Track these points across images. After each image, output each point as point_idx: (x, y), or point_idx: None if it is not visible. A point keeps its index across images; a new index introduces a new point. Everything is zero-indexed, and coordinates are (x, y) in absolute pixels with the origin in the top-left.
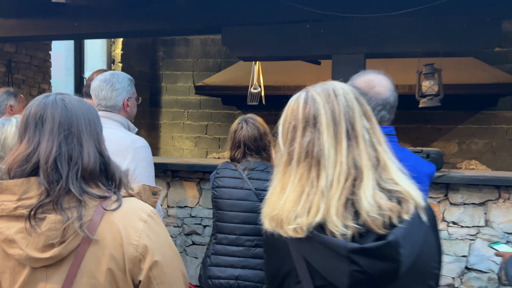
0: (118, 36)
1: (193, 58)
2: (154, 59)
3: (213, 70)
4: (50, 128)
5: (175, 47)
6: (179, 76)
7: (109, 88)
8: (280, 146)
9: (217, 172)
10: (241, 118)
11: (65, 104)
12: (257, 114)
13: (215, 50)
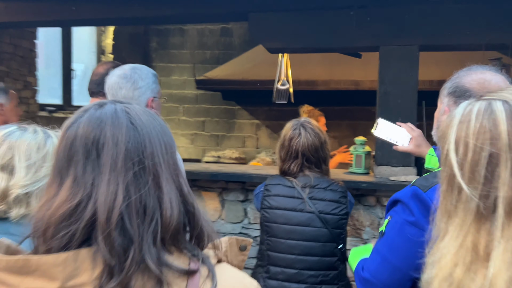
0: (125, 22)
1: (190, 49)
2: (147, 50)
3: (211, 62)
4: (112, 160)
5: (170, 38)
6: (173, 68)
7: (130, 86)
8: (459, 183)
9: (266, 189)
10: (294, 122)
11: (132, 120)
12: (260, 110)
13: (213, 41)
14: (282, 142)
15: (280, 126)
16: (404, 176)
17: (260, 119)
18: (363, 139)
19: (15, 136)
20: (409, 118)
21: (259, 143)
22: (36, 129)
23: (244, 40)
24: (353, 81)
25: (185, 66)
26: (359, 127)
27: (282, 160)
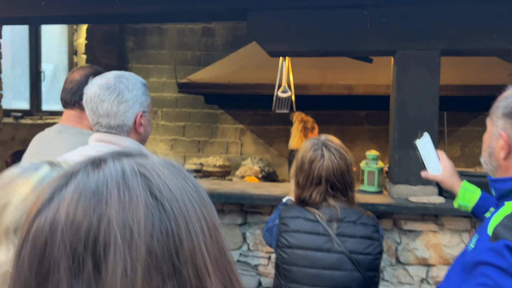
0: (104, 20)
1: (169, 49)
2: (122, 50)
3: (192, 63)
4: (124, 277)
5: (147, 37)
6: (151, 70)
7: (114, 98)
8: None
9: (283, 222)
10: (314, 141)
11: (153, 189)
12: (245, 114)
13: (194, 41)
14: (299, 165)
15: (266, 131)
16: (426, 197)
17: (245, 123)
18: (376, 153)
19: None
20: (430, 131)
21: (243, 149)
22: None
23: (227, 41)
24: (346, 85)
25: (164, 68)
26: (348, 132)
27: (300, 186)
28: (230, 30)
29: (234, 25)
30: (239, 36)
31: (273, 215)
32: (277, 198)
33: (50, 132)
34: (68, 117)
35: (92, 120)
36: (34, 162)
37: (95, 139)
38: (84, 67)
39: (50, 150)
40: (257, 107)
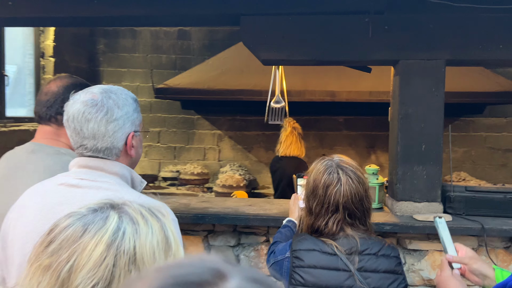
0: (78, 23)
1: (142, 53)
2: (93, 53)
3: (167, 67)
4: None
5: (119, 39)
6: (124, 73)
7: (102, 117)
8: None
9: (296, 256)
10: (327, 163)
11: None
12: (223, 119)
13: (169, 44)
14: (311, 189)
15: (244, 137)
16: (433, 215)
17: (222, 129)
18: (376, 167)
19: (124, 235)
20: (435, 145)
21: (221, 155)
22: (141, 211)
23: (204, 45)
24: (329, 92)
25: (137, 71)
26: (327, 138)
27: (313, 214)
28: (207, 34)
29: (211, 28)
30: (216, 39)
31: (281, 246)
32: (275, 218)
33: (21, 151)
34: (42, 134)
35: (74, 142)
36: (93, 207)
37: (78, 165)
38: (62, 77)
39: (22, 173)
40: (235, 112)
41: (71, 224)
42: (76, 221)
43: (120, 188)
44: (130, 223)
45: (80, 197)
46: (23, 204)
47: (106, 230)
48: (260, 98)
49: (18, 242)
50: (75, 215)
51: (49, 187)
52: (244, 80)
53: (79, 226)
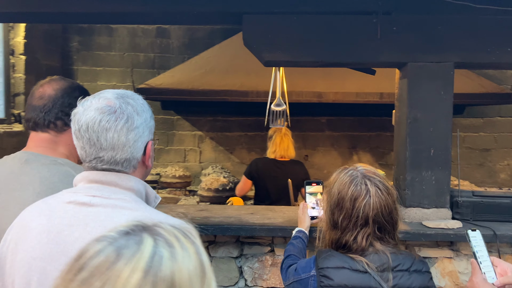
0: (62, 19)
1: (119, 51)
2: (66, 50)
3: (145, 66)
4: None
5: (94, 37)
6: (100, 72)
7: (122, 125)
8: None
9: (323, 274)
10: (352, 172)
11: None
12: (203, 120)
13: (147, 42)
14: (336, 202)
15: (226, 138)
16: (443, 221)
17: (203, 130)
18: (382, 172)
19: (161, 260)
20: (443, 150)
21: (202, 157)
22: (175, 234)
23: (183, 43)
24: (316, 92)
25: (113, 70)
26: (309, 138)
27: (340, 228)
28: (187, 32)
29: (191, 27)
30: (196, 38)
31: (303, 263)
32: (282, 228)
33: (11, 161)
34: (37, 142)
35: (87, 154)
36: (124, 230)
37: (88, 179)
38: (56, 79)
39: (14, 186)
40: (217, 113)
41: (102, 249)
42: (108, 245)
43: (137, 205)
44: (166, 246)
45: (93, 217)
46: (23, 225)
47: (141, 255)
48: (246, 99)
49: (20, 269)
50: (105, 239)
51: (55, 206)
52: (230, 80)
53: (111, 251)
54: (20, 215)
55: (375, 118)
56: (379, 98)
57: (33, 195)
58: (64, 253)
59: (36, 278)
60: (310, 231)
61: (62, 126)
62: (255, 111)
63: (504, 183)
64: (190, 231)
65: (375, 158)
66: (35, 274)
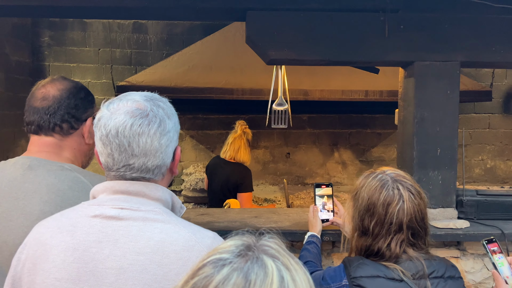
0: (39, 13)
1: (94, 46)
2: (37, 45)
3: (121, 63)
4: None
5: (67, 32)
6: (73, 69)
7: (156, 130)
8: None
9: (358, 284)
10: (382, 177)
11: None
12: (183, 118)
13: (123, 37)
14: (366, 207)
15: (206, 136)
16: (451, 222)
17: (184, 128)
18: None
19: (288, 285)
20: (450, 149)
21: (182, 155)
22: (287, 256)
23: (161, 39)
24: (302, 90)
25: (88, 66)
26: (291, 136)
27: (372, 235)
28: (165, 27)
29: (169, 22)
30: (175, 34)
31: (331, 272)
32: (292, 232)
33: (12, 167)
34: (40, 146)
35: (115, 162)
36: (236, 251)
37: (113, 190)
38: (59, 79)
39: (17, 195)
40: (197, 110)
41: (229, 275)
42: (233, 271)
43: (168, 217)
44: (286, 269)
45: (124, 232)
46: (41, 242)
47: (271, 281)
48: (231, 97)
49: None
50: (225, 262)
51: (78, 220)
52: (214, 77)
53: (240, 277)
54: (34, 231)
55: (356, 115)
56: (364, 95)
57: (40, 204)
58: (94, 273)
59: None
60: (321, 235)
61: (68, 129)
62: (236, 108)
63: (478, 178)
64: (284, 246)
65: (355, 155)
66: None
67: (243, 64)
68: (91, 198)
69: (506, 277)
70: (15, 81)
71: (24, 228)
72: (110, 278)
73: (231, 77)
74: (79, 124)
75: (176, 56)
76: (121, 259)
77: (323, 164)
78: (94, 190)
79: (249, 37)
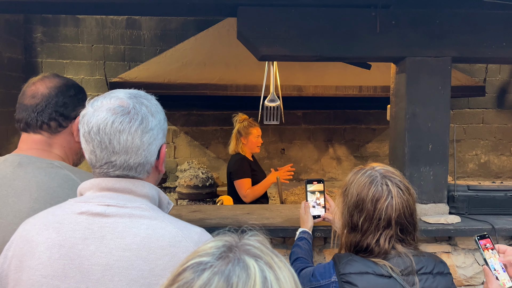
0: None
1: (87, 43)
2: (30, 42)
3: (115, 59)
4: None
5: (60, 28)
6: (66, 65)
7: (137, 127)
8: None
9: (347, 281)
10: (371, 173)
11: None
12: (178, 114)
13: (117, 34)
14: (355, 203)
15: (201, 132)
16: (442, 217)
17: (178, 125)
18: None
19: (271, 286)
20: (441, 145)
21: (177, 152)
22: (270, 254)
23: (155, 35)
24: (296, 86)
25: (81, 63)
26: (286, 132)
27: (360, 231)
28: (159, 23)
29: (163, 18)
30: (169, 30)
31: (321, 268)
32: (284, 229)
33: (2, 165)
34: (30, 143)
35: (97, 159)
36: (217, 252)
37: (99, 187)
38: (49, 77)
39: (7, 192)
40: (191, 107)
41: (209, 280)
42: (213, 275)
43: (155, 213)
44: (269, 269)
45: (110, 228)
46: (28, 239)
47: (254, 283)
48: (225, 93)
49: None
50: (205, 267)
51: (64, 217)
52: (207, 73)
53: (221, 281)
54: (20, 228)
55: (350, 111)
56: (358, 91)
57: (30, 202)
58: (80, 270)
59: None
60: (312, 231)
61: (56, 127)
62: (231, 104)
63: (472, 172)
64: (268, 243)
65: (350, 151)
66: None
67: (237, 60)
68: (79, 195)
69: (497, 273)
70: (8, 78)
71: (14, 225)
72: (96, 275)
73: (225, 73)
74: (68, 122)
75: (170, 52)
76: (107, 256)
77: (318, 160)
78: (81, 187)
79: (241, 33)
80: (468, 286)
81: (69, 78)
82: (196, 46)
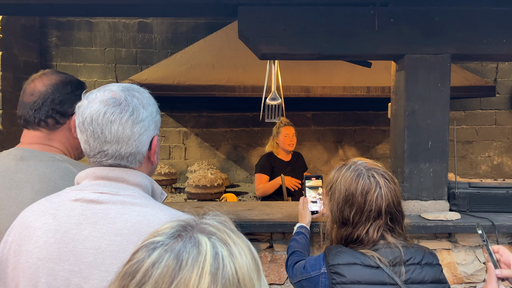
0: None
1: (100, 46)
2: (45, 46)
3: (127, 62)
4: None
5: (74, 32)
6: (80, 68)
7: (128, 118)
8: None
9: (334, 271)
10: (355, 167)
11: None
12: (188, 116)
13: (129, 37)
14: (345, 198)
15: (211, 134)
16: (442, 213)
17: (188, 126)
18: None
19: (225, 261)
20: (441, 141)
21: (187, 153)
22: (223, 229)
23: (166, 38)
24: (304, 87)
25: (94, 66)
26: (295, 133)
27: (352, 224)
28: (170, 26)
29: (174, 21)
30: (179, 33)
31: (312, 261)
32: (282, 224)
33: (6, 158)
34: (31, 138)
35: (91, 148)
36: (171, 232)
37: (94, 176)
38: (47, 74)
39: (10, 184)
40: (202, 108)
41: (160, 257)
42: (164, 253)
43: (146, 201)
44: (222, 245)
45: (102, 214)
46: (26, 225)
47: (204, 258)
48: (233, 94)
49: (25, 271)
50: (155, 245)
51: (60, 204)
52: (216, 75)
53: (171, 258)
54: (21, 215)
55: (360, 112)
56: (366, 92)
57: (32, 193)
58: (74, 253)
59: (44, 279)
60: (310, 226)
61: (54, 124)
62: (241, 106)
63: (485, 174)
64: (231, 223)
65: (360, 152)
66: (43, 275)
67: (245, 61)
68: (76, 184)
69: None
70: (24, 81)
71: (16, 216)
72: (89, 258)
73: (233, 74)
74: (65, 119)
75: (179, 54)
76: (100, 240)
77: (327, 161)
78: (78, 176)
79: (241, 32)
80: (469, 283)
81: (68, 75)
82: (205, 48)
